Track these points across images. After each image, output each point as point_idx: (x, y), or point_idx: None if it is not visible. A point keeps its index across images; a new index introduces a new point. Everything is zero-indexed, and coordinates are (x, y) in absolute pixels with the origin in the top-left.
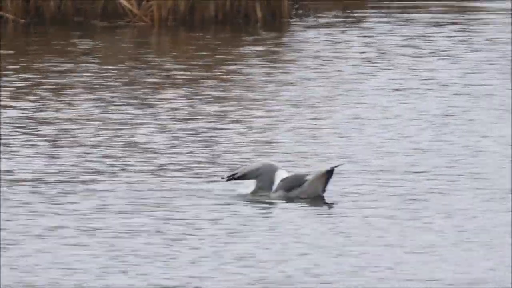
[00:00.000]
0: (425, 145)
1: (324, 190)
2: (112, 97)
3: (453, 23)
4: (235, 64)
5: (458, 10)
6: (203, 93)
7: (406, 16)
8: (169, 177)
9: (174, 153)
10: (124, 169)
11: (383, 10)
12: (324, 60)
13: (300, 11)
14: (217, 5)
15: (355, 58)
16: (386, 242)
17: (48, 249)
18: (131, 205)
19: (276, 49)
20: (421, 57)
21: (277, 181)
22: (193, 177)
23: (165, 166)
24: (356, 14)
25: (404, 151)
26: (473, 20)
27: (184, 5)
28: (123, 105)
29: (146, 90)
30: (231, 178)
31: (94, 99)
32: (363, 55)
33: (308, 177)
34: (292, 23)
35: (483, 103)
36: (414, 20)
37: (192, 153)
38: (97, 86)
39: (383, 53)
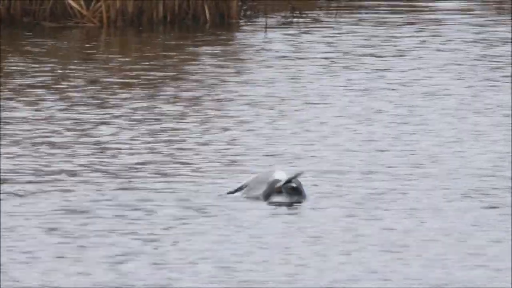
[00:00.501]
0: (385, 145)
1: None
2: (70, 97)
3: (409, 23)
4: (187, 65)
5: (407, 10)
6: (158, 93)
7: (357, 16)
8: (134, 177)
9: (136, 153)
10: (87, 169)
11: (332, 11)
12: (275, 60)
13: (249, 12)
14: (165, 6)
15: (308, 59)
16: (347, 242)
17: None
18: (96, 205)
19: (225, 49)
20: (377, 57)
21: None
22: (156, 176)
23: (129, 165)
24: (305, 15)
25: (365, 151)
26: (428, 20)
27: (133, 6)
28: (82, 105)
29: (102, 90)
30: (238, 190)
31: (53, 100)
32: (316, 55)
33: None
34: (241, 24)
35: (444, 102)
36: (366, 20)
37: (154, 153)
38: (55, 86)
39: (335, 53)
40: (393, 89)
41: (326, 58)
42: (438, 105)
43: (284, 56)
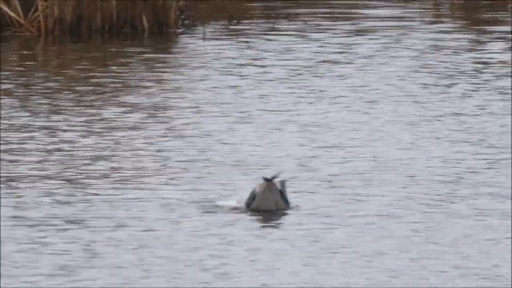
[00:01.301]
0: (332, 150)
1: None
2: (14, 105)
3: (353, 32)
4: (125, 73)
5: (345, 17)
6: (98, 101)
7: (296, 24)
8: (90, 184)
9: (92, 160)
10: (42, 177)
11: (271, 20)
12: (213, 68)
13: (187, 21)
14: (103, 14)
15: (249, 66)
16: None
17: None
18: (47, 213)
19: (163, 58)
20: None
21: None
22: (115, 184)
23: (85, 174)
24: (243, 24)
25: (319, 158)
26: (364, 28)
27: (71, 14)
28: (28, 112)
29: (40, 98)
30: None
31: (6, 107)
32: (255, 63)
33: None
34: (179, 32)
35: (402, 109)
36: (306, 28)
37: (109, 160)
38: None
39: (275, 60)
40: (341, 96)
41: (264, 66)
42: (398, 112)
43: (222, 64)
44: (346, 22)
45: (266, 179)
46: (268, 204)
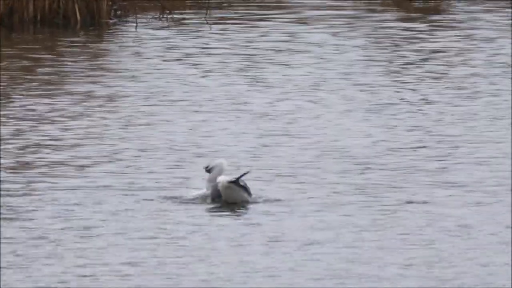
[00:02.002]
0: (271, 143)
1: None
2: None
3: (287, 21)
4: (58, 63)
5: (277, 6)
6: (30, 93)
7: (227, 15)
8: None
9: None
10: None
11: (203, 10)
12: (145, 58)
13: (119, 12)
14: (35, 6)
15: (181, 60)
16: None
17: None
18: None
19: (95, 48)
20: (247, 55)
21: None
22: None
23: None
24: (175, 15)
25: (255, 149)
26: (301, 18)
27: (3, 6)
28: None
29: None
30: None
31: None
32: (185, 51)
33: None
34: (111, 24)
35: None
36: (239, 19)
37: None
38: None
39: (207, 50)
40: (284, 85)
41: (195, 55)
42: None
43: (153, 54)
44: (282, 11)
45: (231, 181)
46: (234, 198)
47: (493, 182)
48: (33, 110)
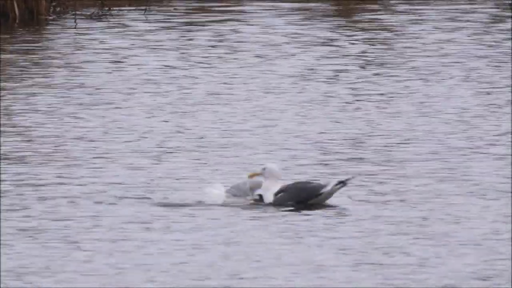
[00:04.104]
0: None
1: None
2: None
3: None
4: None
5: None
6: None
7: (167, 10)
8: None
9: None
10: None
11: (142, 7)
12: (85, 54)
13: (58, 8)
14: None
15: (117, 55)
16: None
17: None
18: None
19: (34, 44)
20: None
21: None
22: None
23: None
24: (115, 10)
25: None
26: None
27: None
28: None
29: None
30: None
31: None
32: (125, 50)
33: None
34: (50, 20)
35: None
36: (177, 15)
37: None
38: None
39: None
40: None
41: (130, 49)
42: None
43: (91, 51)
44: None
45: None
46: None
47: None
48: None
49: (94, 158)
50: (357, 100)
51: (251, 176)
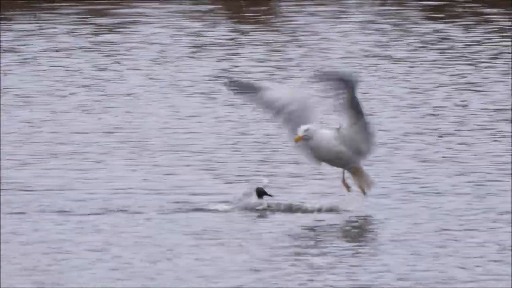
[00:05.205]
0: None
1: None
2: None
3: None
4: None
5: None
6: None
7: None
8: None
9: None
10: None
11: (31, 11)
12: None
13: None
14: None
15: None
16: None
17: None
18: None
19: None
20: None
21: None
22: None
23: None
24: (5, 15)
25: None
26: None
27: None
28: None
29: None
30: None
31: None
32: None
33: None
34: None
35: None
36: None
37: None
38: None
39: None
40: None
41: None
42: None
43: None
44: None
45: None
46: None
47: None
48: None
49: None
50: None
51: (296, 141)
